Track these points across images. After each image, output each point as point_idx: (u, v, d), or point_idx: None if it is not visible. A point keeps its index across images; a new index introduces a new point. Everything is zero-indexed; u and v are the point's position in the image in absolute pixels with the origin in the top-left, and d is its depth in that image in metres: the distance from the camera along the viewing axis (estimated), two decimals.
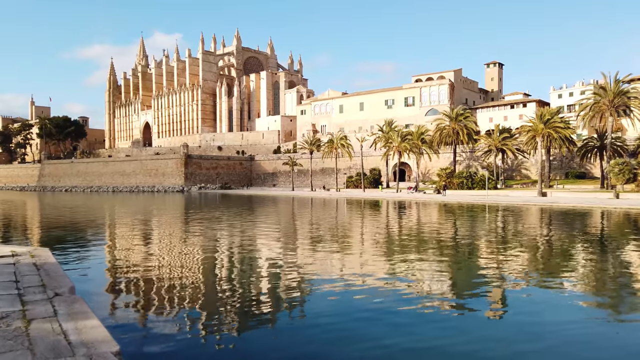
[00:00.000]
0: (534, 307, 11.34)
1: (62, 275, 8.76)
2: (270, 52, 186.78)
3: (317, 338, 9.11)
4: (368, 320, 10.07)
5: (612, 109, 60.13)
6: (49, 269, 9.41)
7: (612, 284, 13.79)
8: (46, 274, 8.86)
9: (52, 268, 9.47)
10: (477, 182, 73.06)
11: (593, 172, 78.65)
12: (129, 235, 26.52)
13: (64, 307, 6.45)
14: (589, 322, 10.26)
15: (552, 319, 10.32)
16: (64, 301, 6.75)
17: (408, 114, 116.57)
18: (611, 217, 35.59)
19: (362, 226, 31.42)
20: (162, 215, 43.80)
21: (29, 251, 11.64)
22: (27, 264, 9.75)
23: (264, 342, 8.95)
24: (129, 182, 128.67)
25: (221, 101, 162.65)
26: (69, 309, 6.37)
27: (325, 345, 8.78)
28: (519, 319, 10.47)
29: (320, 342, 8.94)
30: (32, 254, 11.07)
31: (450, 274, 15.25)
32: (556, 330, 9.56)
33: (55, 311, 6.24)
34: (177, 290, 12.86)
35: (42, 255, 11.07)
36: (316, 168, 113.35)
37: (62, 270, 9.33)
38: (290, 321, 10.37)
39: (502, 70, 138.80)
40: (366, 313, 10.58)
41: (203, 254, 19.65)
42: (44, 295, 7.08)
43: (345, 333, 9.26)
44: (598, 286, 13.55)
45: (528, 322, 10.20)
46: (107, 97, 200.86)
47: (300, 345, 8.87)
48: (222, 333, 9.35)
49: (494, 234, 25.73)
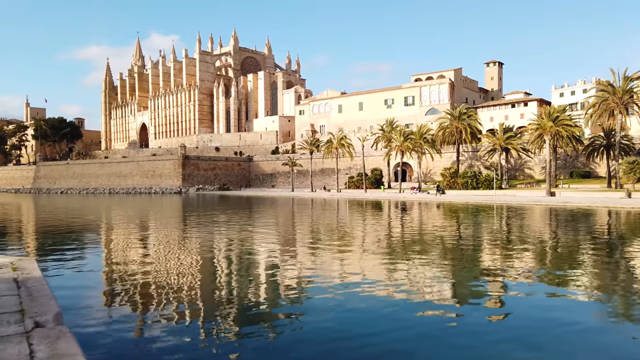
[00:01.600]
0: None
1: (47, 296, 7.11)
2: (267, 52, 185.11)
3: (315, 343, 8.84)
4: (367, 324, 9.77)
5: (621, 107, 58.76)
6: (32, 286, 7.76)
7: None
8: (28, 293, 7.21)
9: (37, 285, 7.82)
10: (482, 182, 71.63)
11: (597, 171, 77.37)
12: (125, 242, 24.83)
13: (44, 346, 4.83)
14: None
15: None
16: (46, 336, 5.12)
17: (408, 114, 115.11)
18: (636, 217, 34.11)
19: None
20: (160, 218, 42.11)
21: (12, 262, 9.96)
22: (5, 280, 8.10)
23: (262, 349, 8.58)
24: (125, 184, 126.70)
25: (218, 102, 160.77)
26: (51, 349, 4.75)
27: (323, 350, 8.52)
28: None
29: (319, 347, 8.68)
30: (15, 266, 9.41)
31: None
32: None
33: (32, 354, 4.62)
34: (176, 302, 11.29)
35: (26, 267, 9.40)
36: (316, 168, 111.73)
37: (48, 288, 7.68)
38: (289, 326, 9.87)
39: (502, 70, 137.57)
40: (366, 316, 10.26)
41: (203, 261, 18.03)
42: (20, 327, 5.45)
43: (344, 339, 8.98)
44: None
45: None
46: (103, 98, 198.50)
47: (298, 350, 8.50)
48: (221, 342, 8.91)
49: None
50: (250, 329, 9.69)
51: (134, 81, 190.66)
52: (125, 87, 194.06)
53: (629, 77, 59.69)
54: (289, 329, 9.68)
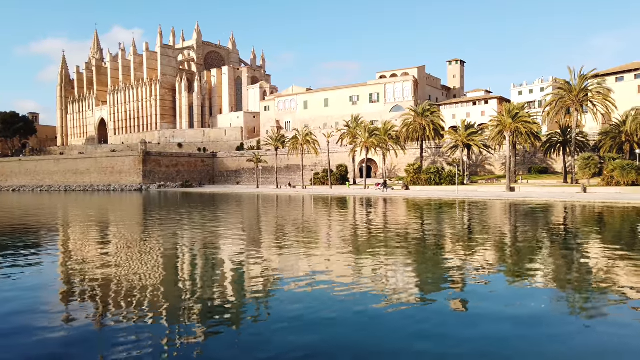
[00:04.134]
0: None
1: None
2: (232, 47, 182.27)
3: (280, 338, 8.63)
4: (333, 320, 9.61)
5: (577, 104, 60.76)
6: None
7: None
8: None
9: None
10: (445, 177, 72.78)
11: (554, 167, 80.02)
12: (83, 241, 23.56)
13: None
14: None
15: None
16: None
17: (373, 110, 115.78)
18: (590, 211, 35.21)
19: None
20: (120, 216, 40.52)
21: None
22: None
23: (228, 346, 8.39)
24: (82, 181, 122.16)
25: (181, 97, 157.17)
26: None
27: (288, 344, 8.35)
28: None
29: (284, 341, 8.51)
30: None
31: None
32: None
33: None
34: (138, 303, 10.57)
35: None
36: (281, 165, 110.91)
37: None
38: (253, 323, 9.66)
39: (464, 68, 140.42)
40: (332, 312, 10.12)
41: (164, 261, 17.22)
42: None
43: (309, 333, 8.91)
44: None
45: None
46: (59, 92, 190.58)
47: (264, 346, 8.29)
48: (184, 341, 8.60)
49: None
50: (214, 329, 9.26)
51: (92, 75, 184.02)
52: (82, 80, 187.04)
53: (584, 75, 61.76)
54: (253, 328, 9.29)
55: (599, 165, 58.06)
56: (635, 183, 53.05)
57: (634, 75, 79.33)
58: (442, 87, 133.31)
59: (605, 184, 55.01)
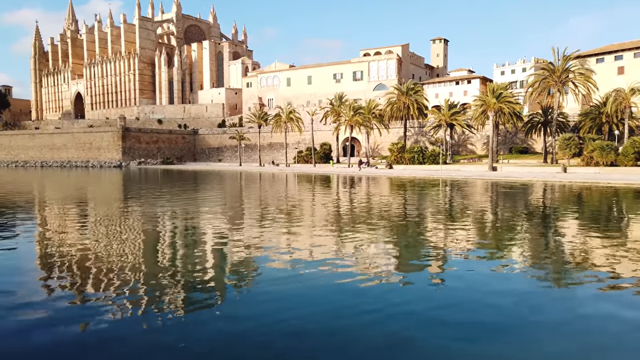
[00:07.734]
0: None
1: None
2: (213, 21, 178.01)
3: (261, 315, 8.51)
4: (313, 298, 9.49)
5: (559, 85, 61.21)
6: None
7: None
8: None
9: None
10: (428, 157, 73.08)
11: (535, 147, 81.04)
12: (62, 219, 22.91)
13: None
14: None
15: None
16: None
17: (356, 89, 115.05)
18: (570, 190, 35.75)
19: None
20: (99, 193, 39.62)
21: None
22: None
23: (209, 320, 8.38)
24: (59, 157, 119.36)
25: (160, 71, 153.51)
26: None
27: (270, 320, 8.22)
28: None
29: (265, 318, 8.33)
30: None
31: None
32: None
33: None
34: (118, 284, 10.23)
35: None
36: (264, 143, 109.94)
37: None
38: (234, 300, 9.57)
39: (447, 47, 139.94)
40: (312, 289, 10.06)
41: (146, 239, 16.81)
42: None
43: (289, 310, 8.79)
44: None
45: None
46: (33, 65, 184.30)
47: (245, 323, 8.23)
48: (166, 318, 8.44)
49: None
50: (195, 305, 9.06)
51: (67, 47, 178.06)
52: (57, 53, 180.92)
53: (567, 56, 62.08)
54: (233, 305, 9.15)
55: (579, 145, 58.91)
56: (614, 163, 54.09)
57: (614, 57, 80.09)
58: (425, 66, 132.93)
59: (585, 164, 55.96)
